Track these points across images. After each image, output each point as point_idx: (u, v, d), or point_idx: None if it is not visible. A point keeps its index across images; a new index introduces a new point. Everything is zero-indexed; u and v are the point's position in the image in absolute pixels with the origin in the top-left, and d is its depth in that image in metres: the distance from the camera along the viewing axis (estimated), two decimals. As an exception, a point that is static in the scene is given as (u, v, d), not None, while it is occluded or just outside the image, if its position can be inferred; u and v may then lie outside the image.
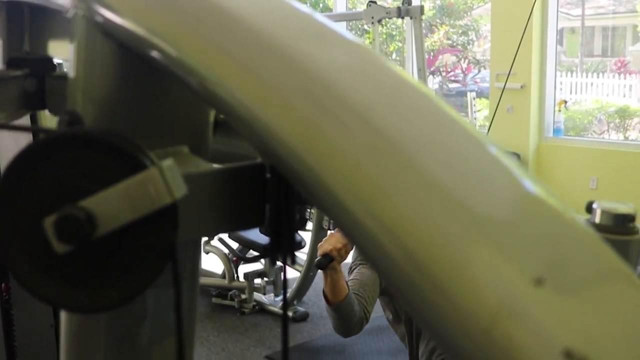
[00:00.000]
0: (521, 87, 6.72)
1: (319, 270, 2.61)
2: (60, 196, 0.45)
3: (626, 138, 7.84)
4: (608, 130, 8.06)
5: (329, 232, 4.15)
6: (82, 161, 0.46)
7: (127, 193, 0.44)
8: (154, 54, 0.47)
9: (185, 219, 0.48)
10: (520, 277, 0.31)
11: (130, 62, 0.53)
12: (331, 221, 2.99)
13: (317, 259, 2.53)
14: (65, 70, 0.73)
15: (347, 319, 2.59)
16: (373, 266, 0.36)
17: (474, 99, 5.62)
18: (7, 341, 2.11)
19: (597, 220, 0.61)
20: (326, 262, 2.48)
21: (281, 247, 0.55)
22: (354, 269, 2.75)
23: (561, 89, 8.71)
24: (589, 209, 0.62)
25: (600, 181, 6.46)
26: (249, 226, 0.57)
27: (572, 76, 9.02)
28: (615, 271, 0.34)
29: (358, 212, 0.35)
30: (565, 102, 7.22)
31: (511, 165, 0.38)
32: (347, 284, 2.59)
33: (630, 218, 0.61)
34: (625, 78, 8.60)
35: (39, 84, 0.71)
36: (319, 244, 2.55)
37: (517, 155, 6.66)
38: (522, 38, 4.59)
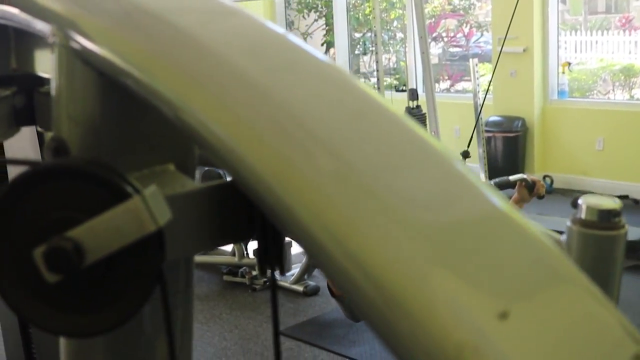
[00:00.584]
0: (524, 50, 6.68)
1: None
2: (48, 227, 0.46)
3: (632, 97, 7.80)
4: (613, 90, 8.02)
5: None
6: (68, 192, 0.47)
7: (112, 223, 0.45)
8: (129, 82, 0.48)
9: (173, 238, 0.49)
10: (485, 311, 0.32)
11: (112, 84, 0.54)
12: None
13: None
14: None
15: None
16: (344, 293, 0.37)
17: (476, 64, 5.59)
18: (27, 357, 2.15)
19: (583, 216, 0.62)
20: None
21: (270, 259, 0.56)
22: None
23: (566, 48, 8.64)
24: (575, 204, 0.63)
25: (607, 142, 6.44)
26: (238, 240, 0.58)
27: (576, 35, 8.95)
28: (581, 291, 0.35)
29: (328, 246, 0.36)
30: (569, 64, 7.18)
31: (476, 183, 0.39)
32: None
33: (615, 213, 0.62)
34: (630, 34, 8.53)
35: (28, 100, 0.72)
36: None
37: (523, 120, 6.64)
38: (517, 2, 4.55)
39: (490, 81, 3.77)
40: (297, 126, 0.39)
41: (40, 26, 0.58)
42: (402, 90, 7.33)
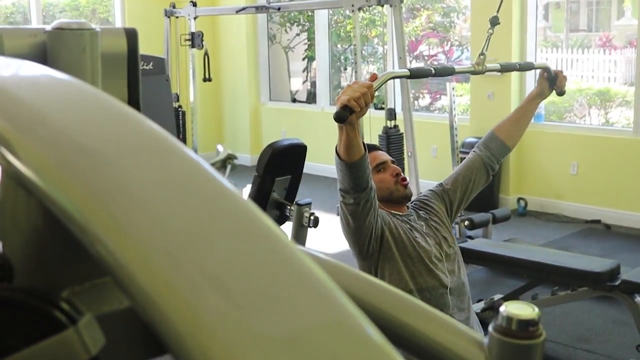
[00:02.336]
0: (501, 73, 6.75)
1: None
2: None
3: (607, 121, 7.90)
4: (589, 114, 8.12)
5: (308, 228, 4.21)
6: (6, 320, 0.50)
7: (46, 352, 0.49)
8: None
9: (112, 352, 0.52)
10: None
11: None
12: (312, 218, 2.99)
13: (335, 112, 2.31)
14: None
15: (358, 179, 2.48)
16: None
17: (453, 89, 5.65)
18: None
19: (503, 324, 0.65)
20: (345, 115, 2.27)
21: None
22: None
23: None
24: (497, 309, 0.67)
25: (581, 166, 6.52)
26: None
27: (557, 52, 9.06)
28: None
29: None
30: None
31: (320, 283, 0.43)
32: (364, 145, 2.45)
33: (533, 323, 0.66)
34: (610, 54, 8.66)
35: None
36: (337, 97, 2.33)
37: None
38: (494, 23, 4.59)
39: (485, 44, 3.75)
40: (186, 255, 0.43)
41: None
42: (381, 108, 7.38)
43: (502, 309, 0.66)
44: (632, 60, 6.65)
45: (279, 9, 7.25)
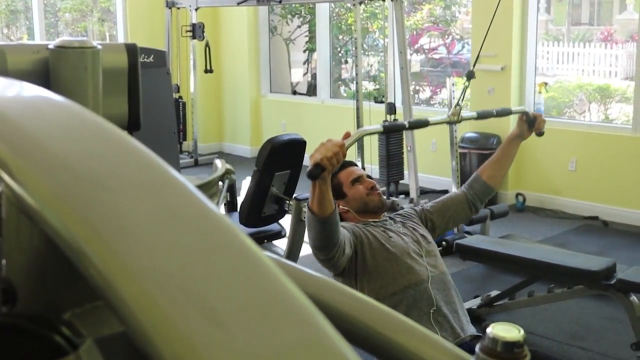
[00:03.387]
0: (502, 68, 6.77)
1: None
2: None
3: (607, 117, 7.91)
4: (589, 110, 8.13)
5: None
6: (8, 346, 0.52)
7: (48, 378, 0.51)
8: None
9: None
10: None
11: None
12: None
13: (308, 169, 2.49)
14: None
15: (330, 235, 2.59)
16: None
17: (453, 84, 5.65)
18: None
19: (489, 345, 0.67)
20: (318, 172, 2.45)
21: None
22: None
23: (548, 59, 8.74)
24: (484, 331, 0.69)
25: (580, 163, 6.54)
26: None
27: (559, 46, 9.06)
28: None
29: None
30: (546, 84, 7.28)
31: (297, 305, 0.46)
32: (335, 203, 2.59)
33: (518, 345, 0.68)
34: (611, 48, 8.66)
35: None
36: (310, 155, 2.51)
37: (498, 137, 6.73)
38: (492, 19, 4.61)
39: (462, 96, 3.84)
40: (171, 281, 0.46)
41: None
42: (381, 102, 7.39)
43: (488, 330, 0.68)
44: (633, 55, 6.64)
45: (280, 1, 7.25)
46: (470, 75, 3.65)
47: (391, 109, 6.67)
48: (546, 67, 8.66)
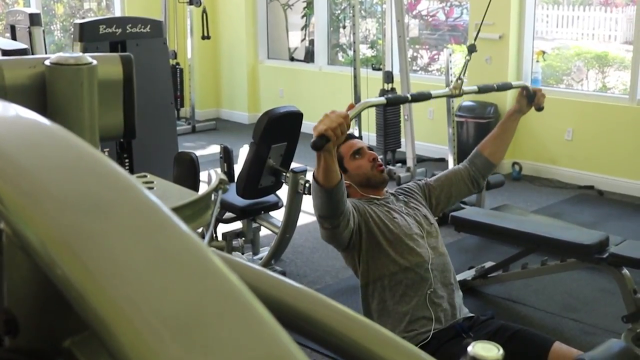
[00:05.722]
0: (499, 37, 6.75)
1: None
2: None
3: (604, 86, 7.90)
4: (587, 77, 8.12)
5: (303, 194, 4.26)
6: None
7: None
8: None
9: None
10: None
11: None
12: (307, 185, 3.10)
13: (312, 140, 2.47)
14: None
15: (336, 204, 2.59)
16: None
17: (450, 54, 5.65)
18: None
19: (469, 365, 0.71)
20: (322, 143, 2.43)
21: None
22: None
23: (547, 22, 8.70)
24: (465, 350, 0.72)
25: (576, 132, 6.56)
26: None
27: (558, 9, 9.02)
28: None
29: None
30: (544, 52, 7.26)
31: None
32: (341, 173, 2.58)
33: (497, 364, 0.71)
34: (611, 11, 8.62)
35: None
36: (314, 126, 2.48)
37: (495, 106, 6.73)
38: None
39: (463, 70, 3.83)
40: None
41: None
42: (379, 69, 7.39)
43: (469, 349, 0.71)
44: (633, 19, 6.61)
45: (277, -32, 7.20)
46: (471, 49, 3.62)
47: (389, 77, 6.68)
48: (545, 31, 8.63)
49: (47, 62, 0.88)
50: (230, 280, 0.55)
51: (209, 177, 0.96)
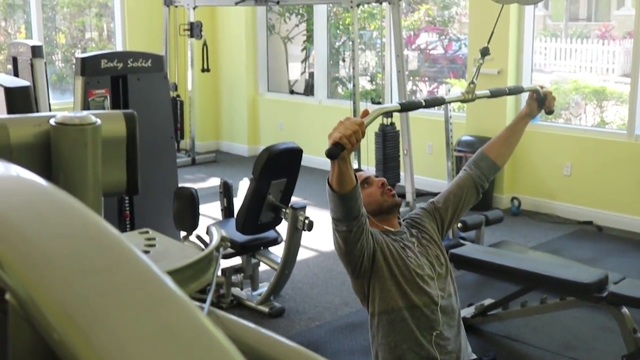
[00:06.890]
0: (498, 72, 6.79)
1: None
2: None
3: (602, 120, 7.94)
4: (585, 112, 8.16)
5: (306, 229, 4.26)
6: None
7: None
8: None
9: None
10: None
11: None
12: (306, 222, 3.10)
13: (327, 148, 2.40)
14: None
15: (350, 209, 2.55)
16: None
17: (449, 90, 5.68)
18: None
19: None
20: (337, 152, 2.36)
21: None
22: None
23: (545, 55, 8.75)
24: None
25: (574, 168, 6.58)
26: None
27: (556, 42, 9.08)
28: None
29: None
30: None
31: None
32: (355, 176, 2.54)
33: None
34: (609, 44, 8.69)
35: None
36: (328, 134, 2.41)
37: (494, 140, 6.75)
38: (495, 25, 4.62)
39: (476, 74, 3.80)
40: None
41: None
42: (378, 103, 7.42)
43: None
44: (630, 52, 6.66)
45: (277, 2, 7.26)
46: (484, 52, 3.59)
47: (388, 112, 6.69)
48: (543, 64, 8.69)
49: (52, 122, 0.89)
50: (231, 355, 0.55)
51: (210, 234, 0.96)
